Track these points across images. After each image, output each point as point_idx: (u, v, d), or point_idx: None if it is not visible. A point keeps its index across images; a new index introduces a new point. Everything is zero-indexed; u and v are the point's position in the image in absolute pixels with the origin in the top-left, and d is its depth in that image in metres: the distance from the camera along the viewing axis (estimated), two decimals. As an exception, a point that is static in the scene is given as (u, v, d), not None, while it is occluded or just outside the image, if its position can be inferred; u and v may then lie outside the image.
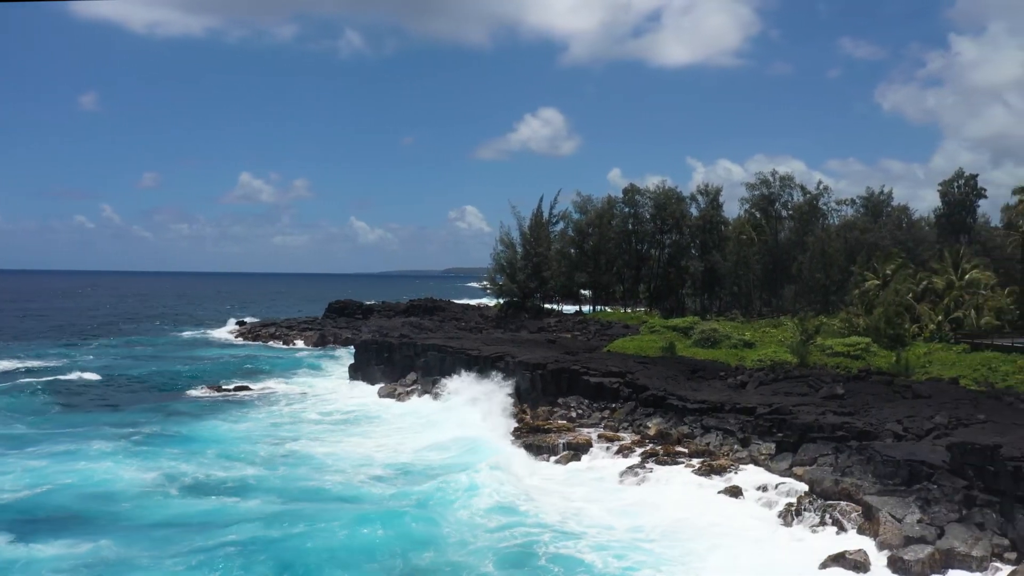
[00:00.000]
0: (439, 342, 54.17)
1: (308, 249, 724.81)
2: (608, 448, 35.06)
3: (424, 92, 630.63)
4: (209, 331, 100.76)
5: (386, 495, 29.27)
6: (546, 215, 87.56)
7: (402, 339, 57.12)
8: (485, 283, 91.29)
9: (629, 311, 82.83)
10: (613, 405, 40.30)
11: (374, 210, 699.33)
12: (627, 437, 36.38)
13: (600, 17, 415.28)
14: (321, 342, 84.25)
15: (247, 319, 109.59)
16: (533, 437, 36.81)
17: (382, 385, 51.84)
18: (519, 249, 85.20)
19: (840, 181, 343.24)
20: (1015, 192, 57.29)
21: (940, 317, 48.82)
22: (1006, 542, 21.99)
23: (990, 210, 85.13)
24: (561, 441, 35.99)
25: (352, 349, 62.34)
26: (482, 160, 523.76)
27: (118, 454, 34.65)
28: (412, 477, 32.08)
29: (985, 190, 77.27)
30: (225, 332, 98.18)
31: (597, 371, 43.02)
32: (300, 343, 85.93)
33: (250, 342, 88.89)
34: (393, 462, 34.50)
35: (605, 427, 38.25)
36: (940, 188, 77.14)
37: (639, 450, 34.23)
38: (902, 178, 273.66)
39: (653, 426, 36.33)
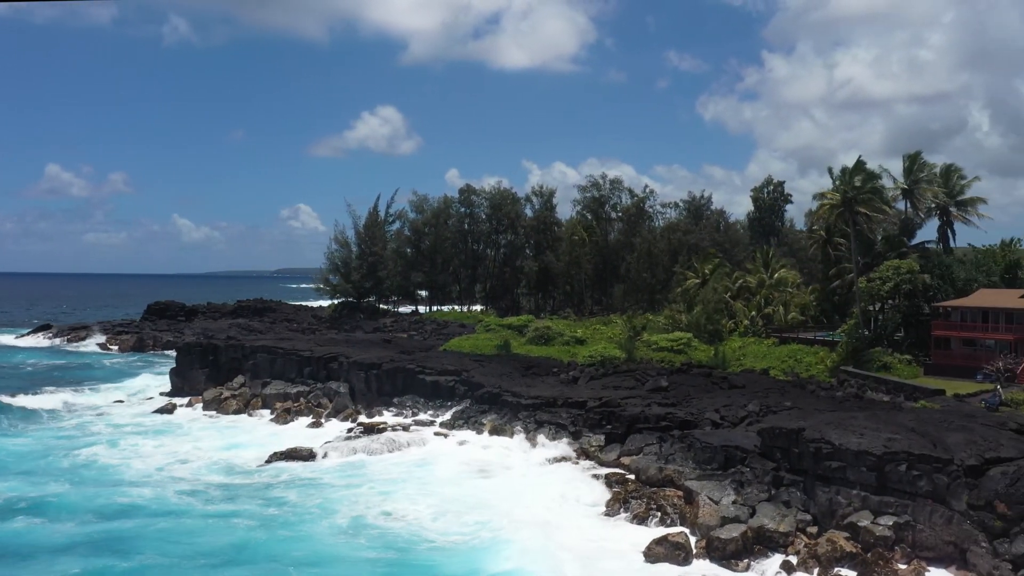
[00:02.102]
0: (269, 343, 52.13)
1: (126, 248, 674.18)
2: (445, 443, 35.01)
3: (256, 85, 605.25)
4: (7, 336, 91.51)
5: (200, 510, 27.55)
6: (382, 214, 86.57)
7: (229, 341, 54.49)
8: (319, 283, 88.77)
9: (465, 310, 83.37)
10: (449, 403, 40.34)
11: (200, 207, 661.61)
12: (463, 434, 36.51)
13: (441, 17, 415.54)
14: (139, 345, 79.05)
15: (53, 323, 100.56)
16: (368, 437, 36.22)
17: (206, 390, 49.01)
18: (354, 248, 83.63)
19: (666, 186, 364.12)
20: (815, 197, 62.42)
21: (753, 313, 52.55)
22: (808, 517, 23.89)
23: (796, 215, 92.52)
24: (401, 438, 35.83)
25: (174, 352, 58.68)
26: (317, 157, 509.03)
27: None
28: (236, 488, 30.46)
29: (791, 196, 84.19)
30: (28, 338, 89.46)
31: (433, 370, 42.94)
32: (114, 347, 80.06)
33: (57, 347, 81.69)
34: (202, 472, 32.64)
35: (441, 425, 38.21)
36: (752, 193, 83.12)
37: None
38: (722, 184, 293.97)
39: (488, 423, 36.65)
